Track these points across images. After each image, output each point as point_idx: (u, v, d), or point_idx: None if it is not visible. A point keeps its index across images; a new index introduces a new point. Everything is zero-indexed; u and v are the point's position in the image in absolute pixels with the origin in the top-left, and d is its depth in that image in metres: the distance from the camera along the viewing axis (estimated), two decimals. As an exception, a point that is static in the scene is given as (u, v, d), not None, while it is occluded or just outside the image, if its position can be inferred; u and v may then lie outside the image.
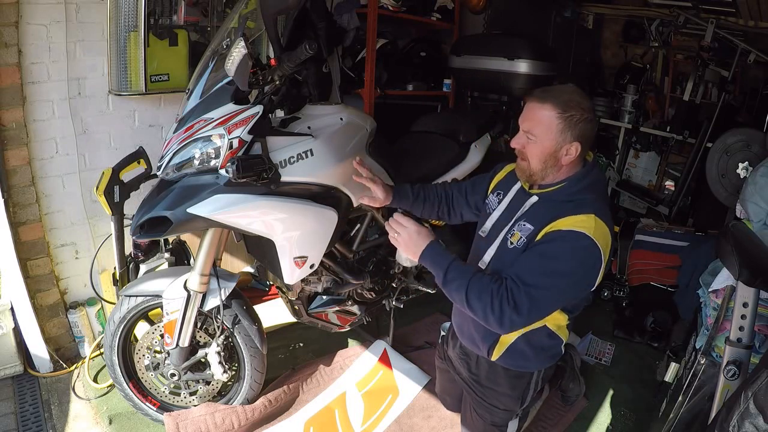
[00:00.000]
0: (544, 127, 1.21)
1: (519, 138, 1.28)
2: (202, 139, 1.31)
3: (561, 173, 1.27)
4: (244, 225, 1.36)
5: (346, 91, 2.55)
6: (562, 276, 1.15)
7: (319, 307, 1.80)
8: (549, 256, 1.16)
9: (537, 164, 1.26)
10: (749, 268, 1.22)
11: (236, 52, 1.19)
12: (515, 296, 1.13)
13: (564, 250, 1.15)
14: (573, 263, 1.15)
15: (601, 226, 1.17)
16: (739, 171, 2.19)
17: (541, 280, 1.14)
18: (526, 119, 1.26)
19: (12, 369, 1.85)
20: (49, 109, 1.79)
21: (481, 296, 1.15)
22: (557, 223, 1.19)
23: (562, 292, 1.19)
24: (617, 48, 3.88)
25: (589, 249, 1.15)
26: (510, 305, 1.12)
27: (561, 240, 1.16)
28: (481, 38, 3.00)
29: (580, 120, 1.20)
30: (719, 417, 0.94)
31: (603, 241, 1.16)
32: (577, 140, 1.21)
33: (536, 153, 1.24)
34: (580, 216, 1.17)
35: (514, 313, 1.13)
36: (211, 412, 1.60)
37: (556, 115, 1.20)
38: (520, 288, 1.13)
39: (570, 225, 1.16)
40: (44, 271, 1.88)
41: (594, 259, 1.15)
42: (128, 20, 1.75)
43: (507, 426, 1.47)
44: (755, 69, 3.14)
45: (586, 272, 1.17)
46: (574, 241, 1.15)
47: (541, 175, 1.27)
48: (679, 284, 2.34)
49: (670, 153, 3.49)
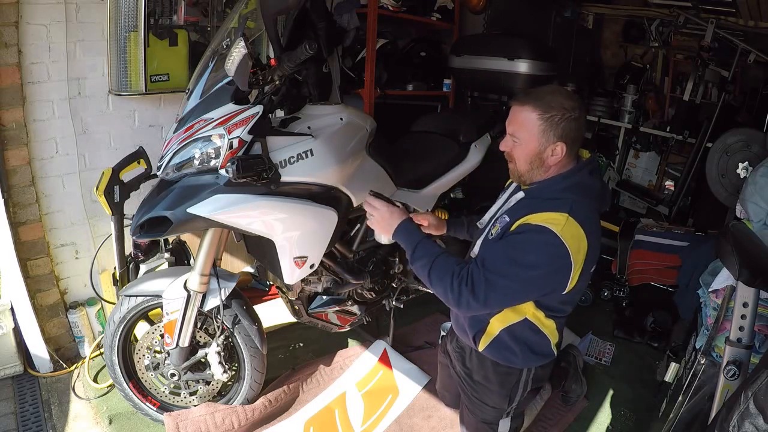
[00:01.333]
0: (527, 129, 1.23)
1: (506, 141, 1.30)
2: (202, 139, 1.31)
3: (550, 173, 1.28)
4: (244, 225, 1.36)
5: (346, 91, 2.55)
6: (522, 267, 1.17)
7: (319, 307, 1.80)
8: (512, 245, 1.20)
9: (523, 166, 1.28)
10: (749, 268, 1.22)
11: (236, 52, 1.19)
12: (474, 278, 1.18)
13: (528, 242, 1.18)
14: (535, 256, 1.17)
15: (572, 226, 1.17)
16: (739, 171, 2.19)
17: (500, 267, 1.18)
18: (510, 122, 1.28)
19: (12, 369, 1.85)
20: (49, 109, 1.79)
21: (442, 276, 1.21)
22: (529, 217, 1.21)
23: (523, 283, 1.20)
24: (617, 48, 3.87)
25: (554, 246, 1.15)
26: (468, 287, 1.18)
27: (527, 232, 1.19)
28: (481, 38, 3.00)
29: (562, 120, 1.20)
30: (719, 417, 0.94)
31: (572, 241, 1.16)
32: (561, 140, 1.21)
33: (521, 155, 1.27)
34: (552, 213, 1.19)
35: (471, 295, 1.17)
36: (211, 412, 1.60)
37: (537, 116, 1.21)
38: (480, 271, 1.18)
39: (540, 220, 1.19)
40: (44, 271, 1.88)
41: (559, 256, 1.16)
42: (128, 20, 1.75)
43: (498, 424, 1.48)
44: (755, 69, 3.14)
45: (550, 268, 1.18)
46: (538, 234, 1.17)
47: (528, 176, 1.29)
48: (679, 284, 2.34)
49: (670, 153, 3.49)
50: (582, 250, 1.18)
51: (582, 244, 1.18)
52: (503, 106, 3.03)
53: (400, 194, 1.82)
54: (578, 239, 1.17)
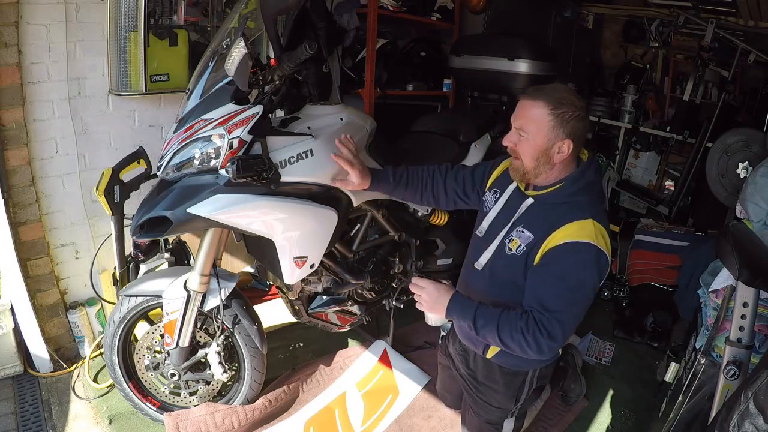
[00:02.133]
0: (536, 124, 1.21)
1: (511, 136, 1.28)
2: (202, 139, 1.31)
3: (554, 172, 1.27)
4: (244, 225, 1.36)
5: (346, 91, 2.55)
6: (578, 290, 1.18)
7: (319, 307, 1.80)
8: (562, 277, 1.18)
9: (529, 162, 1.25)
10: (749, 268, 1.22)
11: (236, 52, 1.19)
12: (545, 325, 1.16)
13: (574, 265, 1.18)
14: (584, 275, 1.18)
15: (600, 230, 1.19)
16: (739, 171, 2.19)
17: (563, 303, 1.18)
18: (518, 117, 1.26)
19: (12, 369, 1.85)
20: (49, 109, 1.79)
21: (513, 336, 1.18)
22: (557, 235, 1.20)
23: (584, 302, 1.22)
24: (617, 48, 3.88)
25: (598, 258, 1.17)
26: (544, 335, 1.16)
27: (567, 255, 1.18)
28: (481, 38, 3.00)
29: (572, 117, 1.20)
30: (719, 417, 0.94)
31: (604, 243, 1.19)
32: (569, 137, 1.21)
33: (528, 150, 1.24)
34: (579, 222, 1.18)
35: (550, 340, 1.17)
36: (211, 412, 1.60)
37: (549, 111, 1.20)
38: (546, 316, 1.17)
39: (570, 236, 1.18)
40: (44, 271, 1.88)
41: (601, 264, 1.18)
42: (128, 20, 1.75)
43: (502, 425, 1.49)
44: (755, 69, 3.14)
45: (596, 278, 1.20)
46: (582, 254, 1.17)
47: (534, 173, 1.27)
48: (679, 284, 2.34)
49: (670, 153, 3.49)
50: (609, 245, 1.22)
51: (608, 240, 1.21)
52: (503, 106, 3.03)
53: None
54: (606, 238, 1.21)
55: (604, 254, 1.18)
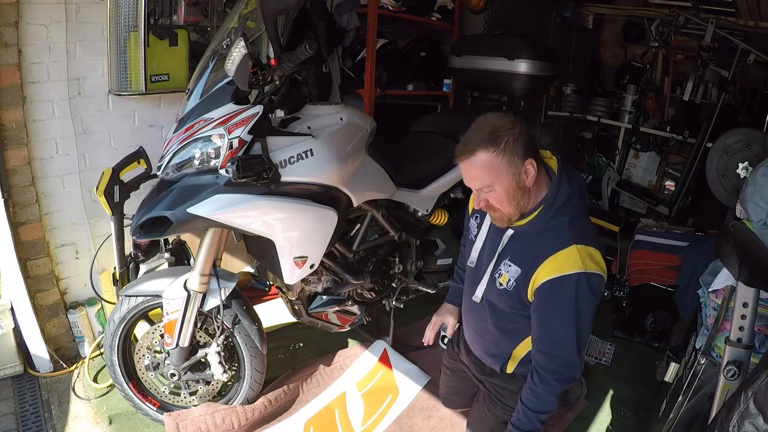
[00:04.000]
0: (493, 172, 1.16)
1: (477, 198, 1.24)
2: (202, 139, 1.31)
3: (533, 198, 1.23)
4: (244, 225, 1.36)
5: (346, 91, 2.55)
6: (579, 319, 1.21)
7: (319, 307, 1.80)
8: (560, 313, 1.21)
9: (509, 207, 1.22)
10: (749, 268, 1.22)
11: (236, 52, 1.19)
12: (561, 364, 1.24)
13: (568, 298, 1.19)
14: (580, 303, 1.20)
15: (585, 251, 1.18)
16: (739, 171, 2.18)
17: (569, 336, 1.22)
18: (470, 180, 1.21)
19: (12, 369, 1.85)
20: (49, 109, 1.79)
21: (544, 399, 1.27)
22: (544, 269, 1.20)
23: (586, 325, 1.25)
24: (617, 48, 3.88)
25: (585, 282, 1.18)
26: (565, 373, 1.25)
27: (559, 291, 1.19)
28: (481, 38, 3.00)
29: (515, 139, 1.15)
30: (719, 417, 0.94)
31: (592, 262, 1.19)
32: (526, 156, 1.16)
33: (502, 198, 1.20)
34: (561, 253, 1.18)
35: (571, 371, 1.25)
36: (211, 412, 1.60)
37: (493, 153, 1.14)
38: (560, 354, 1.23)
39: (557, 270, 1.18)
40: (44, 271, 1.88)
41: (593, 284, 1.20)
42: (128, 20, 1.75)
43: None
44: (755, 69, 3.14)
45: (592, 299, 1.22)
46: (569, 286, 1.18)
47: (519, 211, 1.24)
48: (679, 284, 2.34)
49: (670, 153, 3.49)
50: (600, 258, 1.22)
51: (597, 255, 1.21)
52: (503, 106, 3.04)
53: (400, 194, 1.82)
54: (595, 255, 1.20)
55: (595, 274, 1.19)
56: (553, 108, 3.49)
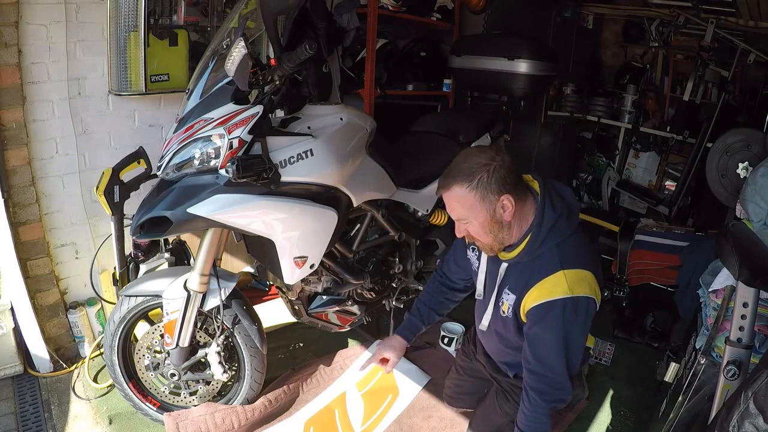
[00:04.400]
0: (467, 206, 1.21)
1: (458, 228, 1.28)
2: (202, 139, 1.31)
3: (515, 229, 1.25)
4: (244, 225, 1.36)
5: (346, 91, 2.55)
6: (567, 341, 1.23)
7: (319, 307, 1.80)
8: (548, 337, 1.24)
9: (487, 238, 1.26)
10: (749, 268, 1.22)
11: (236, 52, 1.19)
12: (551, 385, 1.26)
13: (555, 323, 1.22)
14: (568, 327, 1.22)
15: (573, 276, 1.20)
16: (739, 171, 2.18)
17: (556, 358, 1.24)
18: (450, 210, 1.27)
19: (12, 369, 1.85)
20: (49, 109, 1.79)
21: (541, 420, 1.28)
22: (532, 295, 1.23)
23: (577, 351, 1.27)
24: (617, 48, 3.88)
25: (573, 307, 1.20)
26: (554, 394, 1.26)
27: (546, 316, 1.22)
28: (481, 38, 3.00)
29: (490, 176, 1.17)
30: (719, 417, 0.94)
31: (581, 287, 1.20)
32: (502, 192, 1.18)
33: (479, 230, 1.24)
34: (548, 280, 1.21)
35: (561, 392, 1.28)
36: (211, 412, 1.60)
37: (467, 189, 1.18)
38: (543, 375, 1.25)
39: (543, 296, 1.21)
40: (44, 271, 1.88)
41: (582, 308, 1.21)
42: (128, 20, 1.75)
43: None
44: (755, 69, 3.14)
45: (581, 323, 1.23)
46: (556, 311, 1.21)
47: (499, 243, 1.27)
48: (679, 284, 2.34)
49: (670, 153, 3.49)
50: (592, 280, 1.23)
51: (588, 277, 1.23)
52: (503, 106, 3.04)
53: (400, 194, 1.82)
54: (584, 279, 1.22)
55: (584, 298, 1.20)
56: (553, 108, 3.49)
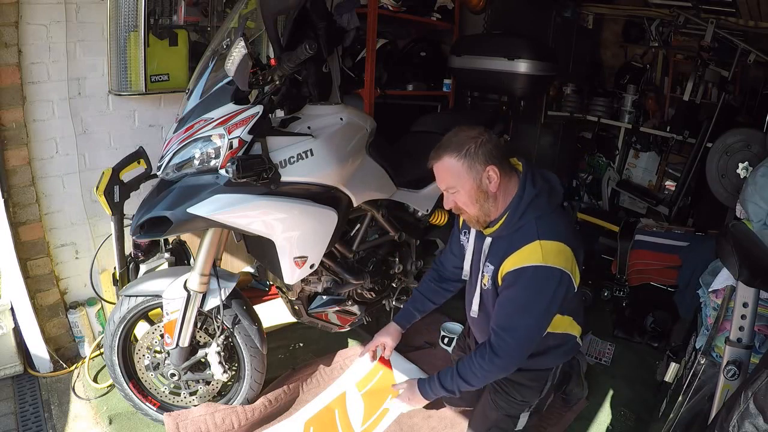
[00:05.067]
0: (455, 175, 1.28)
1: (446, 199, 1.36)
2: (202, 139, 1.31)
3: (500, 202, 1.31)
4: (244, 225, 1.36)
5: (346, 91, 2.55)
6: (531, 310, 1.26)
7: (319, 307, 1.80)
8: (513, 298, 1.28)
9: (473, 208, 1.31)
10: (749, 268, 1.22)
11: (236, 52, 1.19)
12: (501, 345, 1.28)
13: (523, 287, 1.25)
14: (535, 296, 1.25)
15: (548, 247, 1.24)
16: (739, 171, 2.18)
17: (516, 322, 1.28)
18: (438, 180, 1.34)
19: (12, 369, 1.85)
20: (49, 109, 1.79)
21: (477, 374, 1.32)
22: (507, 263, 1.28)
23: (541, 320, 1.29)
24: (617, 48, 3.87)
25: (546, 274, 1.23)
26: (500, 354, 1.28)
27: (517, 280, 1.26)
28: (481, 38, 3.00)
29: (478, 147, 1.26)
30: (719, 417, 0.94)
31: (557, 257, 1.23)
32: (488, 163, 1.26)
33: (465, 199, 1.30)
34: (524, 249, 1.25)
35: (508, 357, 1.28)
36: (211, 412, 1.60)
37: (456, 158, 1.27)
38: (501, 336, 1.29)
39: (516, 263, 1.26)
40: (44, 271, 1.88)
41: (555, 278, 1.24)
42: (128, 20, 1.75)
43: (519, 418, 1.53)
44: (755, 69, 3.13)
45: (555, 292, 1.25)
46: (525, 277, 1.25)
47: (484, 214, 1.32)
48: (679, 284, 2.34)
49: (670, 153, 3.49)
50: (568, 255, 1.26)
51: (565, 251, 1.25)
52: (503, 106, 3.04)
53: (400, 194, 1.82)
54: (561, 251, 1.25)
55: (557, 269, 1.23)
56: (553, 108, 3.48)
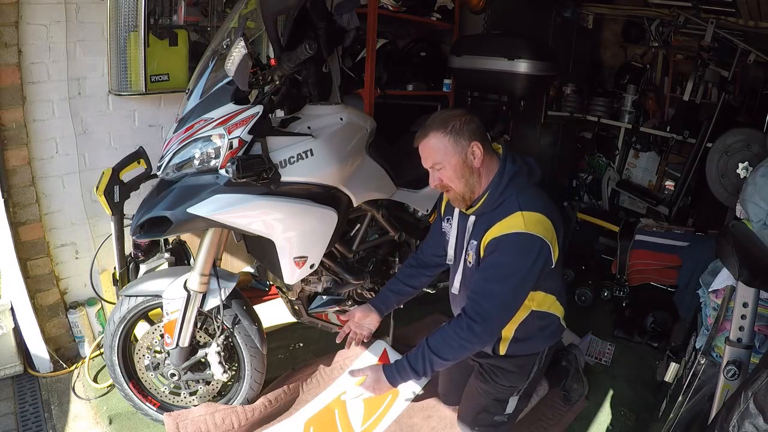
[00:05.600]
0: (441, 151, 1.31)
1: (432, 176, 1.37)
2: (202, 139, 1.31)
3: (482, 179, 1.34)
4: (244, 225, 1.36)
5: (346, 91, 2.55)
6: (510, 276, 1.26)
7: (319, 307, 1.81)
8: (490, 265, 1.29)
9: (459, 184, 1.33)
10: (749, 268, 1.22)
11: (236, 52, 1.19)
12: (479, 311, 1.26)
13: (501, 253, 1.27)
14: (515, 262, 1.26)
15: (529, 216, 1.27)
16: (739, 171, 2.18)
17: (493, 287, 1.27)
18: (424, 158, 1.36)
19: (12, 369, 1.85)
20: (49, 109, 1.79)
21: (451, 344, 1.28)
22: (489, 234, 1.30)
23: (518, 288, 1.29)
24: (617, 48, 3.87)
25: (525, 240, 1.25)
26: (477, 321, 1.25)
27: (497, 246, 1.28)
28: (481, 38, 3.00)
29: (462, 124, 1.30)
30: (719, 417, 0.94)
31: (536, 226, 1.26)
32: (472, 139, 1.30)
33: (451, 175, 1.33)
34: (506, 219, 1.28)
35: (485, 323, 1.25)
36: (211, 412, 1.60)
37: (442, 134, 1.30)
38: (480, 303, 1.27)
39: (499, 231, 1.28)
40: (44, 271, 1.88)
41: (536, 246, 1.25)
42: (128, 20, 1.75)
43: (508, 402, 1.53)
44: (755, 69, 3.13)
45: (530, 261, 1.26)
46: (506, 243, 1.26)
47: (469, 191, 1.34)
48: (679, 284, 2.34)
49: (670, 153, 3.49)
50: (548, 226, 1.28)
51: (545, 222, 1.28)
52: (503, 106, 3.03)
53: (400, 194, 1.82)
54: (540, 222, 1.27)
55: (537, 237, 1.25)
56: (553, 108, 3.48)
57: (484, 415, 1.53)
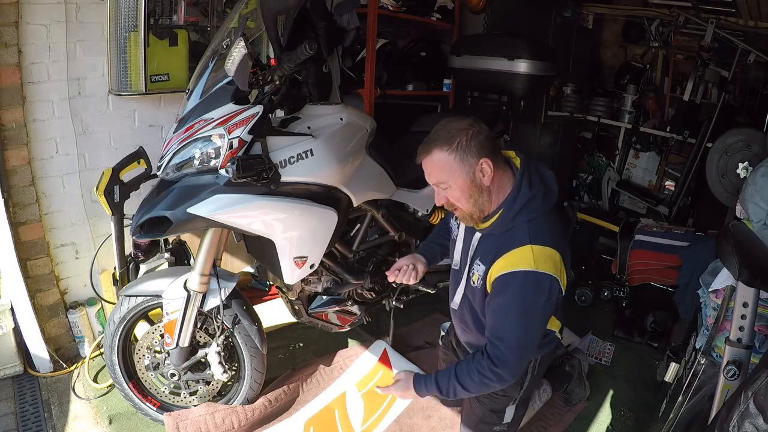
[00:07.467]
0: (446, 170, 1.22)
1: (438, 195, 1.28)
2: (202, 139, 1.31)
3: (493, 198, 1.26)
4: (244, 225, 1.36)
5: (346, 91, 2.55)
6: (523, 317, 1.22)
7: (319, 307, 1.80)
8: (506, 307, 1.23)
9: (467, 204, 1.25)
10: (749, 268, 1.22)
11: (236, 52, 1.19)
12: (498, 356, 1.22)
13: (514, 294, 1.21)
14: (526, 301, 1.21)
15: (539, 252, 1.20)
16: (739, 171, 2.18)
17: (510, 332, 1.22)
18: (428, 175, 1.27)
19: (12, 369, 1.85)
20: (49, 109, 1.79)
21: (473, 379, 1.25)
22: (498, 265, 1.23)
23: (534, 327, 1.25)
24: (617, 48, 3.87)
25: (538, 281, 1.20)
26: (498, 365, 1.22)
27: (507, 286, 1.22)
28: (481, 38, 3.00)
29: (469, 139, 1.19)
30: (719, 417, 0.94)
31: (547, 264, 1.20)
32: (480, 156, 1.20)
33: (459, 195, 1.24)
34: (515, 252, 1.21)
35: (506, 367, 1.22)
36: (211, 412, 1.60)
37: (447, 152, 1.20)
38: (498, 346, 1.22)
39: (507, 266, 1.21)
40: (44, 271, 1.88)
41: (545, 285, 1.20)
42: (128, 20, 1.75)
43: (505, 412, 1.51)
44: (755, 69, 3.13)
45: (548, 298, 1.22)
46: (520, 283, 1.20)
47: (478, 210, 1.26)
48: (679, 284, 2.34)
49: (670, 153, 3.49)
50: (557, 261, 1.22)
51: (555, 257, 1.22)
52: (503, 106, 3.03)
53: (400, 194, 1.82)
54: (550, 257, 1.21)
55: (547, 275, 1.19)
56: (553, 108, 3.48)
57: (482, 426, 1.52)
